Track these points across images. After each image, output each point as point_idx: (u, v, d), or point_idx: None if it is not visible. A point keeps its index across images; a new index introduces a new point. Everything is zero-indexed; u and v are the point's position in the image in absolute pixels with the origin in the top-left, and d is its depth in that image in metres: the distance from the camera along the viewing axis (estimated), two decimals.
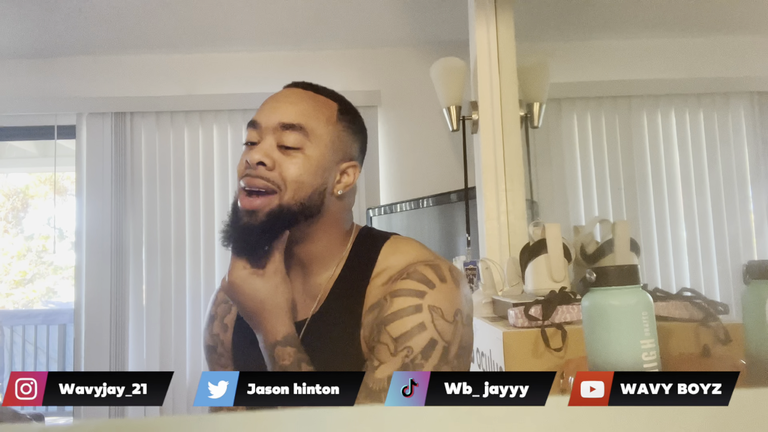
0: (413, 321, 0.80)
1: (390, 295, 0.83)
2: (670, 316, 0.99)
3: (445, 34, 2.72)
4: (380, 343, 0.80)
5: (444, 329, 0.80)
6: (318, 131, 0.87)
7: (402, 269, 0.86)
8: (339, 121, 0.90)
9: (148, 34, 2.76)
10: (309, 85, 0.92)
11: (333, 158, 0.88)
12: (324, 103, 0.90)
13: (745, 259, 0.78)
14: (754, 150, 1.74)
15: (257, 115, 0.88)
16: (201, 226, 2.87)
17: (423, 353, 0.79)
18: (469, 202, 2.23)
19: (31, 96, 2.92)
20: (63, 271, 5.81)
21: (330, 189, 0.88)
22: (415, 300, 0.81)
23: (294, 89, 0.91)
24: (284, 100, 0.89)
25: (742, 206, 1.75)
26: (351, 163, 0.91)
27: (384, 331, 0.80)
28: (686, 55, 1.84)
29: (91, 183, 2.88)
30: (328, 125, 0.88)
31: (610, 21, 1.94)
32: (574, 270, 1.47)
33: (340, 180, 0.90)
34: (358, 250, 0.91)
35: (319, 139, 0.87)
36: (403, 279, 0.84)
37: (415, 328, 0.79)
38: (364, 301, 0.86)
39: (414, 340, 0.79)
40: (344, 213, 0.93)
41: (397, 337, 0.79)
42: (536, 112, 1.95)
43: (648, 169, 1.85)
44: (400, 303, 0.81)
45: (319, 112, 0.88)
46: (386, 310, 0.82)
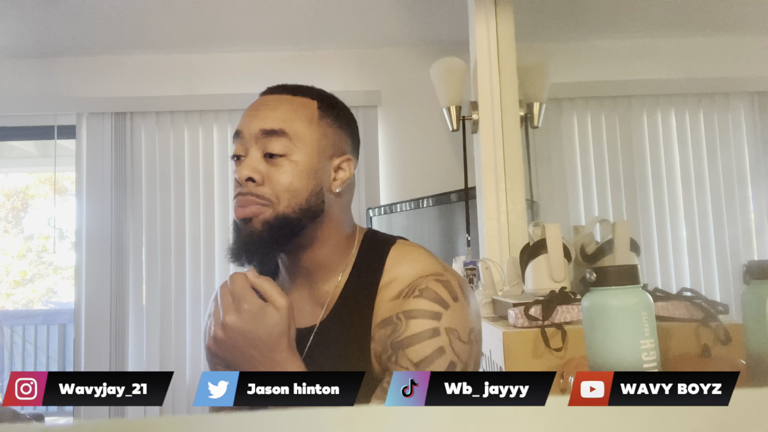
0: (432, 346, 0.79)
1: (404, 316, 0.82)
2: (670, 316, 0.99)
3: (445, 34, 2.72)
4: (399, 366, 0.79)
5: (461, 351, 0.80)
6: (301, 133, 0.85)
7: (411, 283, 0.84)
8: (321, 119, 0.88)
9: (148, 34, 2.76)
10: (284, 87, 0.91)
11: (322, 157, 0.87)
12: (302, 104, 0.88)
13: (745, 259, 0.78)
14: (754, 150, 1.74)
15: (239, 125, 0.88)
16: (201, 226, 2.88)
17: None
18: (469, 202, 2.23)
19: (31, 96, 2.92)
20: (63, 271, 5.81)
21: (327, 187, 0.87)
22: (432, 323, 0.80)
23: (270, 95, 0.90)
24: (262, 106, 0.87)
25: (742, 206, 1.75)
26: (344, 158, 0.89)
27: (403, 354, 0.79)
28: (686, 55, 1.83)
29: (91, 183, 2.88)
30: (310, 125, 0.87)
31: (610, 21, 1.94)
32: (574, 270, 1.48)
33: (335, 177, 0.88)
34: (363, 256, 0.90)
35: (304, 141, 0.85)
36: (415, 297, 0.82)
37: (435, 353, 0.79)
38: (374, 313, 0.85)
39: (435, 365, 0.78)
40: (345, 211, 0.92)
41: (417, 362, 0.79)
42: (536, 112, 1.95)
43: (648, 169, 1.85)
44: (417, 326, 0.80)
45: (298, 113, 0.87)
46: (402, 332, 0.81)
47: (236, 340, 0.78)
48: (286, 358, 0.78)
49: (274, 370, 0.78)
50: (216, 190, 2.90)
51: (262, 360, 0.78)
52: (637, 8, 1.91)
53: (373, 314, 0.85)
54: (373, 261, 0.89)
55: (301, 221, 0.84)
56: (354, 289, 0.88)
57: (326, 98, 0.91)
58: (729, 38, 1.80)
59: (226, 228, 2.87)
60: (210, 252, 2.86)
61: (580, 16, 1.98)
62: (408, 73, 2.90)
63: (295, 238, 0.85)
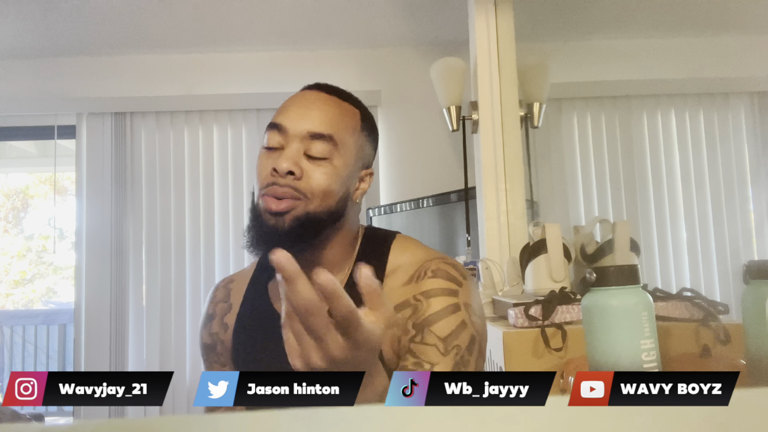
0: (456, 320, 0.83)
1: (423, 296, 0.85)
2: (670, 316, 0.99)
3: (445, 34, 2.72)
4: (426, 345, 0.81)
5: (477, 325, 0.85)
6: (345, 141, 0.87)
7: (421, 266, 0.88)
8: (362, 130, 0.91)
9: (148, 34, 2.76)
10: (334, 89, 0.92)
11: (356, 166, 0.90)
12: (349, 111, 0.90)
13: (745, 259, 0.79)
14: (754, 150, 1.74)
15: (282, 119, 0.86)
16: (201, 226, 2.87)
17: (468, 349, 0.82)
18: (469, 202, 2.23)
19: (31, 96, 2.92)
20: (63, 271, 5.81)
21: (351, 196, 0.90)
22: (451, 299, 0.84)
23: (320, 94, 0.90)
24: (312, 106, 0.87)
25: (742, 206, 1.75)
26: (369, 171, 0.93)
27: (429, 332, 0.82)
28: (686, 55, 1.84)
29: (91, 183, 2.88)
30: (353, 135, 0.89)
31: (610, 21, 1.94)
32: (574, 270, 1.48)
33: (359, 187, 0.92)
34: (365, 250, 0.93)
35: (346, 149, 0.87)
36: (430, 278, 0.86)
37: (459, 326, 0.82)
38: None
39: (461, 338, 0.82)
40: (356, 216, 0.96)
41: (445, 336, 0.81)
42: (536, 112, 1.95)
43: (648, 169, 1.85)
44: (439, 303, 0.84)
45: (346, 121, 0.88)
46: (424, 311, 0.83)
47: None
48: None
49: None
50: (216, 190, 2.90)
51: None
52: (637, 8, 1.91)
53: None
54: (376, 254, 0.92)
55: (325, 222, 0.86)
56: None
57: (366, 110, 0.95)
58: (729, 38, 1.81)
59: (226, 228, 2.88)
60: (210, 252, 2.86)
61: (580, 16, 1.98)
62: (408, 73, 2.90)
63: (315, 238, 0.87)
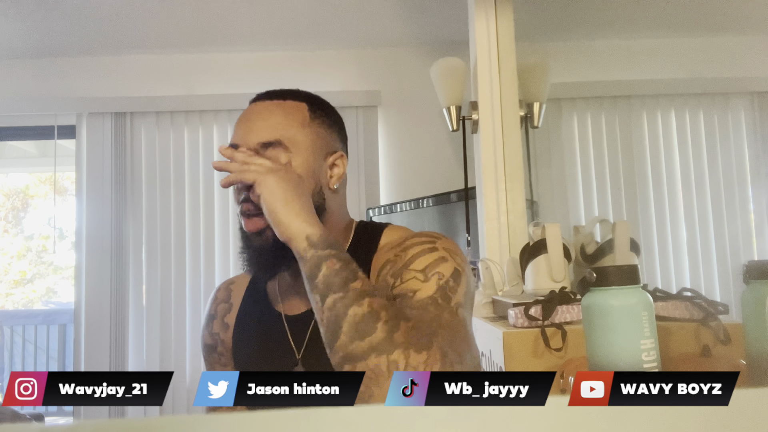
0: (434, 256, 0.82)
1: (400, 250, 0.85)
2: (670, 316, 0.99)
3: (445, 34, 2.72)
4: (406, 282, 0.81)
5: (461, 263, 0.84)
6: (296, 139, 0.87)
7: (403, 240, 0.88)
8: (313, 120, 0.90)
9: (148, 34, 2.76)
10: (276, 93, 0.92)
11: (318, 157, 0.89)
12: (294, 108, 0.90)
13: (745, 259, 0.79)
14: (754, 150, 1.74)
15: (234, 138, 0.88)
16: (201, 226, 2.87)
17: (453, 278, 0.81)
18: (469, 202, 2.23)
19: (31, 96, 2.92)
20: (63, 271, 5.81)
21: (325, 185, 0.90)
22: (429, 245, 0.84)
23: (260, 103, 0.91)
24: (255, 117, 0.88)
25: (742, 206, 1.75)
26: (337, 155, 0.92)
27: (407, 271, 0.81)
28: (686, 55, 1.84)
29: (91, 183, 2.88)
30: (303, 128, 0.88)
31: (610, 21, 1.94)
32: (574, 270, 1.47)
33: (331, 174, 0.91)
34: (357, 243, 0.93)
35: (300, 146, 0.87)
36: (408, 240, 0.86)
37: (438, 260, 0.82)
38: (370, 274, 0.87)
39: (441, 267, 0.81)
40: (342, 205, 0.95)
41: (423, 268, 0.81)
42: (536, 112, 1.95)
43: (648, 169, 1.85)
44: (415, 249, 0.84)
45: (291, 119, 0.88)
46: (402, 260, 0.83)
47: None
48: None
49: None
50: (216, 190, 2.90)
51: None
52: (637, 8, 1.91)
53: (370, 274, 0.87)
54: (368, 243, 0.92)
55: None
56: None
57: (314, 99, 0.94)
58: (729, 38, 1.81)
59: (226, 228, 2.88)
60: (210, 252, 2.86)
61: (580, 16, 1.98)
62: (408, 73, 2.90)
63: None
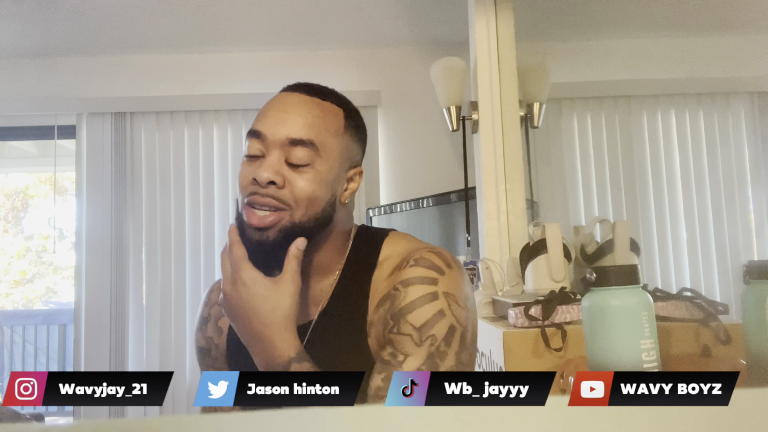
0: (433, 309, 0.79)
1: (402, 285, 0.82)
2: (670, 316, 0.99)
3: (445, 34, 2.72)
4: (402, 335, 0.79)
5: (459, 315, 0.81)
6: (327, 144, 0.83)
7: (405, 257, 0.85)
8: (346, 130, 0.87)
9: (148, 34, 2.76)
10: (312, 88, 0.87)
11: (341, 168, 0.85)
12: (331, 111, 0.85)
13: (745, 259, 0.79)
14: (754, 150, 1.74)
15: (261, 125, 0.82)
16: (201, 226, 2.87)
17: (445, 340, 0.79)
18: (469, 202, 2.23)
19: (31, 96, 2.92)
20: (63, 271, 5.81)
21: (338, 197, 0.86)
22: (430, 287, 0.81)
23: (298, 96, 0.85)
24: (291, 110, 0.82)
25: (742, 206, 1.75)
26: (357, 170, 0.89)
27: (405, 321, 0.79)
28: (686, 55, 1.84)
29: (91, 183, 2.88)
30: (336, 137, 0.84)
31: (610, 21, 1.94)
32: (574, 270, 1.47)
33: (347, 188, 0.88)
34: (357, 249, 0.91)
35: (329, 153, 0.83)
36: (411, 266, 0.83)
37: (436, 315, 0.79)
38: (370, 294, 0.85)
39: (436, 328, 0.79)
40: (348, 218, 0.92)
41: (419, 326, 0.79)
42: (536, 112, 1.95)
43: (648, 169, 1.85)
44: (416, 291, 0.81)
45: (327, 123, 0.84)
46: (402, 300, 0.81)
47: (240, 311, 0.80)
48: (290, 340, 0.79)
49: (280, 336, 0.79)
50: (216, 190, 2.90)
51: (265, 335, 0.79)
52: (637, 8, 1.91)
53: (370, 298, 0.85)
54: (367, 251, 0.90)
55: (312, 230, 0.83)
56: (349, 278, 0.89)
57: (351, 107, 0.90)
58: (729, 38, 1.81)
59: (226, 228, 2.86)
60: (210, 252, 2.86)
61: (580, 16, 1.98)
62: (408, 73, 2.90)
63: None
